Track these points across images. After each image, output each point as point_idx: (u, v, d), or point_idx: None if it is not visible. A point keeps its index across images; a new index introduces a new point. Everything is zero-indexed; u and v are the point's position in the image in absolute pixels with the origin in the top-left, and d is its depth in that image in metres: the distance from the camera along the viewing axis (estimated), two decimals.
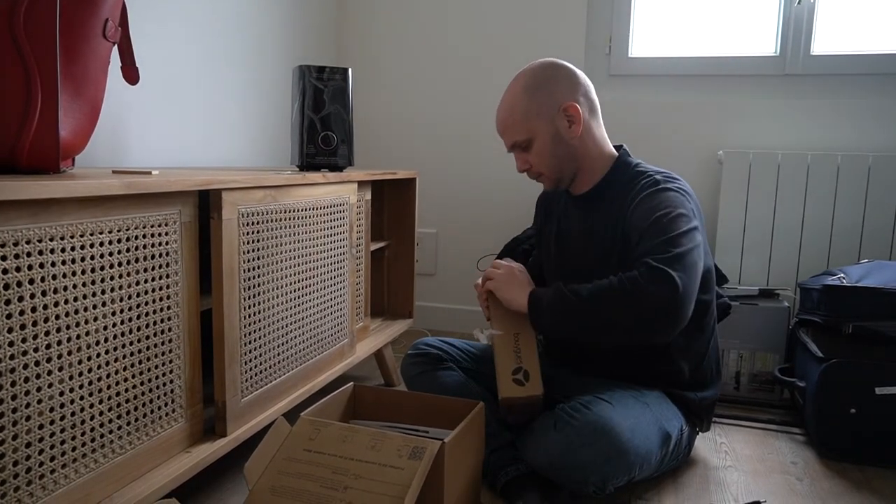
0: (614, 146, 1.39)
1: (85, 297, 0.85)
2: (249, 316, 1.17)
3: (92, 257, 0.86)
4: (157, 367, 0.99)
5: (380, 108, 2.51)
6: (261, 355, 1.21)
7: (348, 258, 1.53)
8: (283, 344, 1.28)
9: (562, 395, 1.31)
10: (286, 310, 1.28)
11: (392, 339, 1.84)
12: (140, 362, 0.96)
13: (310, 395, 1.39)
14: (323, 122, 1.46)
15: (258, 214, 1.17)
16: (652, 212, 1.21)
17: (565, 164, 1.33)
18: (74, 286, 0.83)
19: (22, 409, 0.77)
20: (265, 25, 2.05)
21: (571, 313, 1.17)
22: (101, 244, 0.87)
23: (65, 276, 0.82)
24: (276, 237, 1.23)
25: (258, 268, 1.18)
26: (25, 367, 0.78)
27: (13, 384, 0.76)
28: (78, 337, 0.85)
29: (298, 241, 1.31)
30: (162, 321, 0.99)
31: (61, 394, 0.83)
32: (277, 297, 1.25)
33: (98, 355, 0.88)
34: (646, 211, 1.23)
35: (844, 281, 1.61)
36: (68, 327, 0.83)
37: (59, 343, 0.82)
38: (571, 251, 1.40)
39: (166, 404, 1.02)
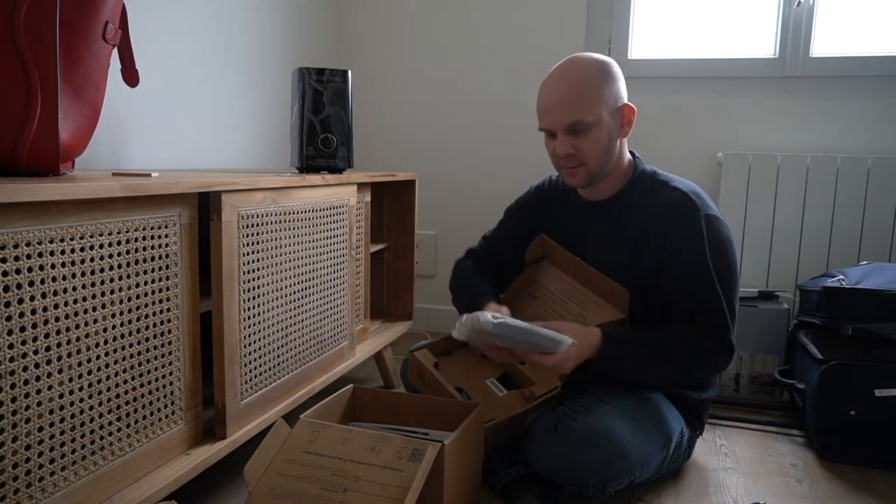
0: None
1: (85, 299, 0.85)
2: (249, 318, 1.17)
3: (92, 259, 0.86)
4: (156, 369, 0.99)
5: (380, 110, 2.51)
6: (260, 357, 1.21)
7: (348, 260, 1.53)
8: (282, 346, 1.28)
9: (563, 397, 1.31)
10: (286, 312, 1.28)
11: (392, 341, 1.84)
12: (140, 364, 0.96)
13: (309, 397, 1.39)
14: (322, 125, 1.46)
15: (258, 216, 1.17)
16: (706, 254, 1.26)
17: (607, 162, 1.30)
18: (74, 288, 0.84)
19: (22, 412, 0.77)
20: (265, 26, 2.05)
21: (636, 368, 1.25)
22: (102, 246, 0.87)
23: (65, 278, 0.82)
24: (276, 239, 1.23)
25: (258, 270, 1.18)
26: (25, 369, 0.78)
27: (13, 386, 0.76)
28: (78, 339, 0.85)
29: (298, 243, 1.31)
30: (162, 323, 0.99)
31: (61, 396, 0.83)
32: (277, 298, 1.25)
33: (98, 357, 0.88)
34: (698, 250, 1.26)
35: (844, 283, 1.61)
36: (68, 329, 0.83)
37: (59, 345, 0.82)
38: (588, 254, 1.38)
39: (166, 406, 1.02)
